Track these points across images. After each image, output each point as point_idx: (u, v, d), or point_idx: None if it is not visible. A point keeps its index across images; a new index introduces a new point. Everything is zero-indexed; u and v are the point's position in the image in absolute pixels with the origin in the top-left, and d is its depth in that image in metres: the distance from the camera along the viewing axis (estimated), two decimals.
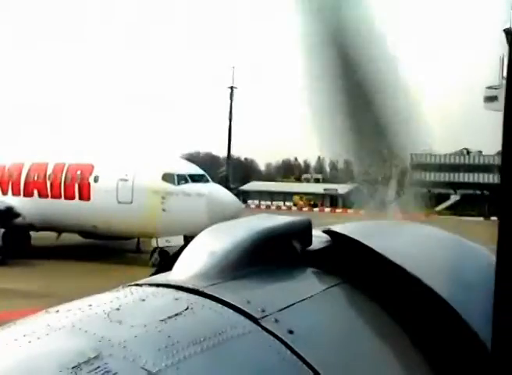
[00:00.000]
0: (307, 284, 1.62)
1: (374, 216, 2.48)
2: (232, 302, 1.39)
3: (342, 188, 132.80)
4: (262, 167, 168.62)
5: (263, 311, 1.38)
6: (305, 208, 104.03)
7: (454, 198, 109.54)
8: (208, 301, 1.39)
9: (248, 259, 1.55)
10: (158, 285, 1.49)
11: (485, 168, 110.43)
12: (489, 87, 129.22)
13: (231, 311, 1.37)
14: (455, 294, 1.65)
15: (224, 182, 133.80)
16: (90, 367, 1.15)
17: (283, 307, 1.43)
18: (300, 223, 1.73)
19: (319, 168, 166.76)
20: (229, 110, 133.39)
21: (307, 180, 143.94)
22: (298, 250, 1.68)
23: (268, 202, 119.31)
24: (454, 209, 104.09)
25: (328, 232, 1.85)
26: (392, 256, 1.67)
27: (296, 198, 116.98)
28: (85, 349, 1.19)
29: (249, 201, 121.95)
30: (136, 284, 1.54)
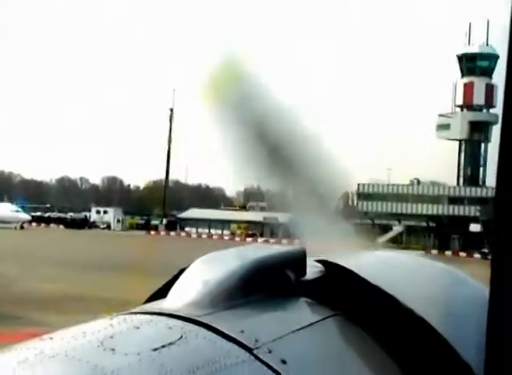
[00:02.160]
0: (301, 315, 1.62)
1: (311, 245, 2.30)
2: (226, 332, 1.40)
3: (282, 217, 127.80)
4: (233, 194, 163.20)
5: (256, 341, 1.40)
6: (237, 239, 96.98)
7: (397, 229, 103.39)
8: (202, 330, 1.40)
9: (242, 289, 1.55)
10: (151, 313, 1.48)
11: (434, 199, 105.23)
12: (442, 115, 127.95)
13: (225, 340, 1.38)
14: (448, 326, 1.66)
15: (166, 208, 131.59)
16: None
17: (277, 337, 1.44)
18: (294, 253, 1.74)
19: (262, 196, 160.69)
20: (168, 134, 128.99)
21: (253, 208, 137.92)
22: (292, 280, 1.68)
23: (206, 230, 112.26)
24: (397, 242, 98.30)
25: (322, 262, 1.84)
26: (386, 287, 1.68)
27: (234, 226, 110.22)
28: None
29: (187, 229, 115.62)
30: (130, 312, 1.54)
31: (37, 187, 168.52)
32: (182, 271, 1.65)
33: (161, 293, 1.67)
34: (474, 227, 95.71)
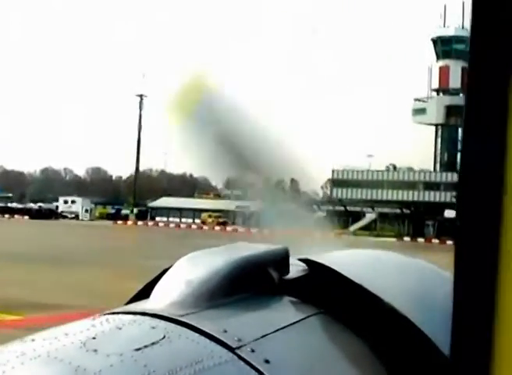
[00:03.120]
0: (284, 314, 1.63)
1: (280, 233, 2.52)
2: (208, 331, 1.40)
3: (255, 205, 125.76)
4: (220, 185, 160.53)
5: (239, 340, 1.39)
6: (206, 227, 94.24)
7: (370, 216, 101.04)
8: (184, 330, 1.40)
9: (225, 288, 1.56)
10: (134, 313, 1.48)
11: (410, 185, 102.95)
12: (417, 100, 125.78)
13: (208, 340, 1.38)
14: (430, 322, 1.66)
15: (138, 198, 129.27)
16: None
17: (260, 336, 1.44)
18: (277, 252, 1.74)
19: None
20: (138, 120, 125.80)
21: (228, 197, 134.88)
22: (275, 279, 1.70)
23: (177, 219, 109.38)
24: (370, 229, 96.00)
25: (305, 261, 1.86)
26: (368, 285, 1.69)
27: (204, 215, 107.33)
28: None
29: (157, 219, 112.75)
30: (113, 312, 1.53)
31: (19, 178, 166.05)
32: (165, 271, 1.64)
33: (144, 293, 1.67)
34: (450, 213, 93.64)
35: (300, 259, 1.85)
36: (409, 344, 1.64)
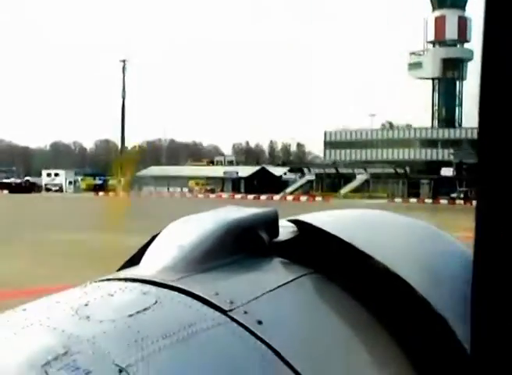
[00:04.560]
0: (275, 275, 1.62)
1: None
2: (200, 295, 1.40)
3: (241, 171, 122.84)
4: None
5: (231, 303, 1.39)
6: (200, 195, 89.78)
7: (361, 178, 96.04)
8: (176, 294, 1.40)
9: (216, 252, 1.56)
10: (126, 280, 1.47)
11: (405, 143, 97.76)
12: (413, 53, 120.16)
13: (200, 303, 1.38)
14: (425, 283, 1.69)
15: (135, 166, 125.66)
16: (59, 364, 1.18)
17: (252, 298, 1.44)
18: (266, 214, 1.73)
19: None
20: (121, 87, 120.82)
21: (221, 163, 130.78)
22: (265, 241, 1.68)
23: (165, 188, 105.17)
24: (363, 191, 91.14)
25: (295, 222, 1.85)
26: (360, 245, 1.70)
27: (191, 183, 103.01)
28: (54, 346, 1.20)
29: (145, 189, 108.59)
30: (104, 279, 1.53)
31: (24, 153, 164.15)
32: (154, 237, 1.63)
33: (135, 260, 1.66)
34: (446, 171, 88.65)
35: (290, 220, 1.84)
36: (403, 302, 1.64)
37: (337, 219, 1.97)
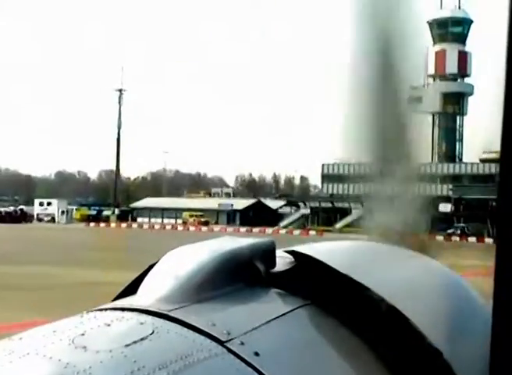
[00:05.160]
0: (272, 306, 1.64)
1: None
2: (197, 325, 1.41)
3: (237, 204, 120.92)
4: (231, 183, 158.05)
5: (228, 333, 1.41)
6: (192, 228, 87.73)
7: (357, 213, 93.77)
8: (173, 324, 1.41)
9: (212, 282, 1.57)
10: (122, 309, 1.48)
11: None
12: (414, 88, 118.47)
13: (197, 334, 1.39)
14: (419, 312, 1.70)
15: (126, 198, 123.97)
16: None
17: (249, 329, 1.45)
18: (264, 245, 1.75)
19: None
20: (117, 116, 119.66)
21: (218, 195, 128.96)
22: (262, 271, 1.69)
23: (159, 220, 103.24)
24: (358, 226, 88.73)
25: (291, 253, 1.86)
26: (356, 276, 1.71)
27: (186, 215, 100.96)
28: None
29: (139, 220, 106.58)
30: (101, 309, 1.54)
31: (27, 181, 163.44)
32: (151, 267, 1.64)
33: (131, 289, 1.67)
34: (444, 207, 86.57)
35: (287, 251, 1.86)
36: (397, 333, 1.65)
37: (334, 250, 1.97)
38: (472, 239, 66.49)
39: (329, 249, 1.99)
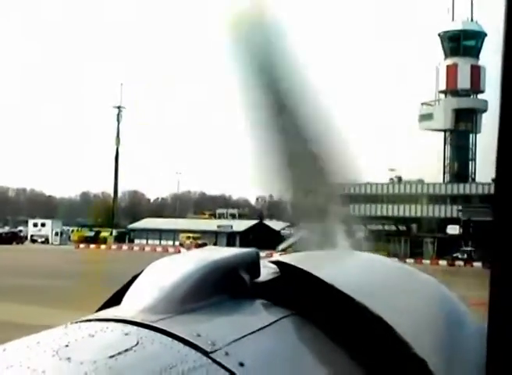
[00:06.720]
0: (257, 316, 1.65)
1: None
2: (182, 336, 1.41)
3: (238, 225, 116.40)
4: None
5: (213, 344, 1.41)
6: (183, 250, 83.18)
7: (359, 235, 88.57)
8: (158, 335, 1.41)
9: (197, 292, 1.57)
10: (107, 320, 1.48)
11: (412, 199, 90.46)
12: (424, 104, 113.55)
13: (181, 345, 1.39)
14: (404, 322, 1.71)
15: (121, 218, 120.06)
16: None
17: (234, 340, 1.46)
18: (248, 255, 1.76)
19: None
20: (116, 134, 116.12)
21: (223, 216, 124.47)
22: (247, 282, 1.70)
23: (157, 241, 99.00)
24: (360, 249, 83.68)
25: (276, 263, 1.88)
26: (340, 286, 1.71)
27: (182, 236, 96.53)
28: None
29: (136, 241, 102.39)
30: (85, 320, 1.53)
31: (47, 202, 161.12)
32: (135, 277, 1.65)
33: (115, 300, 1.67)
34: (453, 229, 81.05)
35: (271, 261, 1.87)
36: (382, 343, 1.66)
37: (318, 259, 1.99)
38: (478, 264, 61.01)
39: (314, 259, 2.00)
